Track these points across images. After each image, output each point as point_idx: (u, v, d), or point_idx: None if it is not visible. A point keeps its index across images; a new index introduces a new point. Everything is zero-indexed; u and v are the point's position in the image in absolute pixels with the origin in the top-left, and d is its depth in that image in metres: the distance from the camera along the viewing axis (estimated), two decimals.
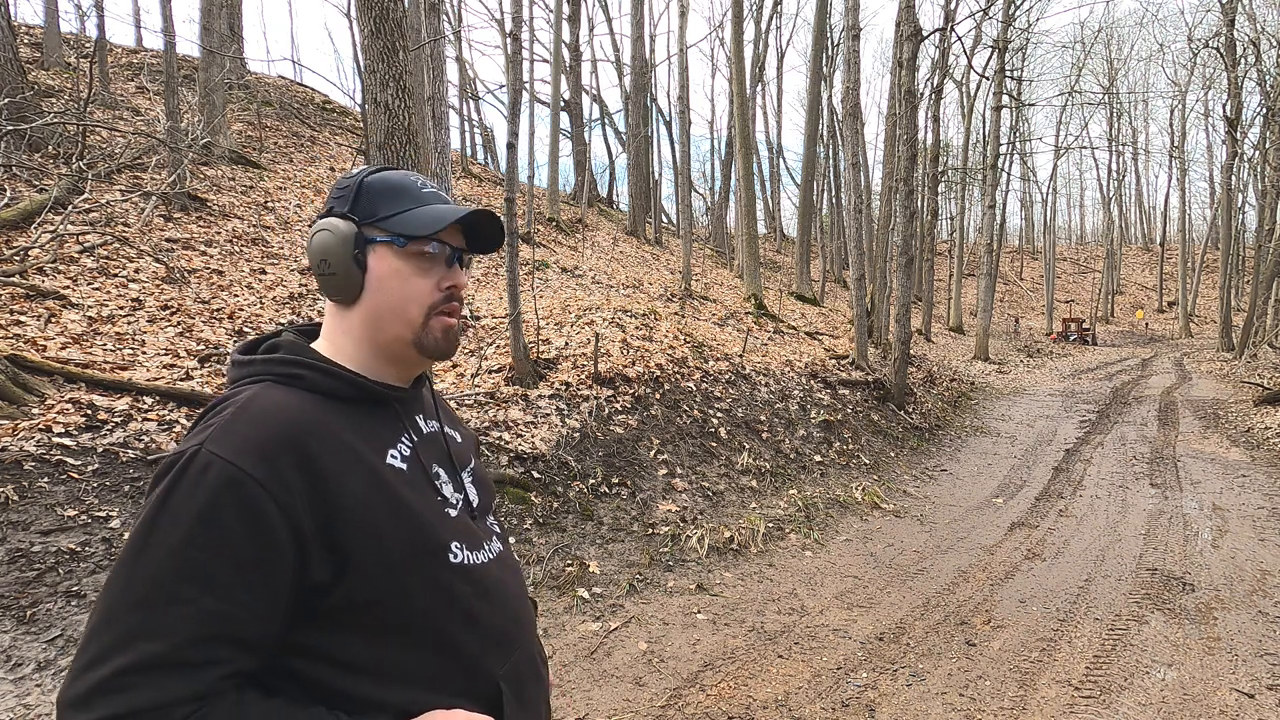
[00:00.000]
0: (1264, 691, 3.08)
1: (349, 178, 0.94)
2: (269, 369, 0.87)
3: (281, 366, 0.87)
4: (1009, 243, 44.99)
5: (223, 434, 0.77)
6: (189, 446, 0.76)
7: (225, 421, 0.78)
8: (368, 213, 0.91)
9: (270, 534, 0.74)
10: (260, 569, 0.74)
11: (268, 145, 12.36)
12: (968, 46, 23.73)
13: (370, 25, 3.58)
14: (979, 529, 5.40)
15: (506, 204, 6.08)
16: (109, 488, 3.36)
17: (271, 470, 0.75)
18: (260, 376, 0.86)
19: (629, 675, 3.13)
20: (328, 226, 0.90)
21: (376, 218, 0.90)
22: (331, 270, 0.89)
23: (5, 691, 2.46)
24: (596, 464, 5.08)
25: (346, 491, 0.79)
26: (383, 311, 0.90)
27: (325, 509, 0.77)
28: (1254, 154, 24.27)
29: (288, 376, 0.86)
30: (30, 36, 12.93)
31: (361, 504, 0.80)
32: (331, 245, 0.89)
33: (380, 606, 0.81)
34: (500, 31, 24.34)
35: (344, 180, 0.94)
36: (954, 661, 3.32)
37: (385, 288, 0.90)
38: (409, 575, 0.82)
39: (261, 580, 0.74)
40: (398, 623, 0.82)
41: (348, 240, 0.89)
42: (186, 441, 0.78)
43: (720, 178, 27.76)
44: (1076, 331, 26.98)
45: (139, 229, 7.11)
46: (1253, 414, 10.13)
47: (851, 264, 12.80)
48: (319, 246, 0.90)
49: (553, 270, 12.07)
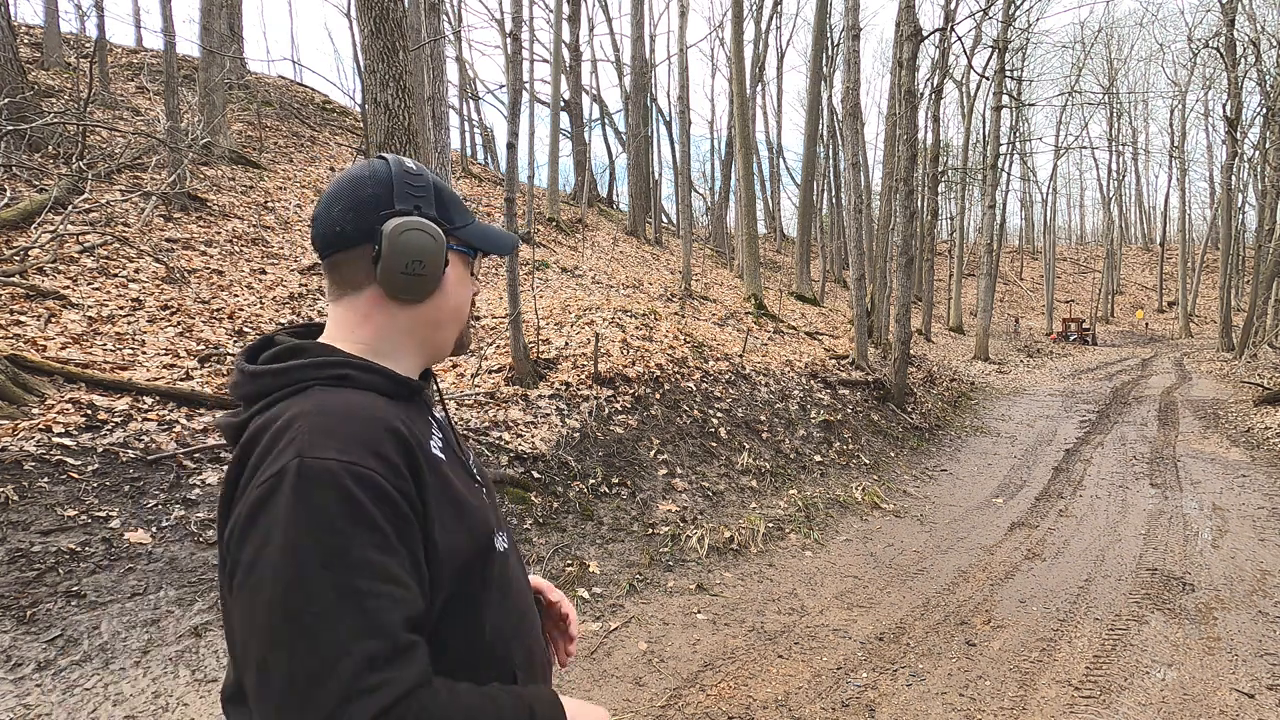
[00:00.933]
0: (1264, 691, 3.08)
1: (413, 173, 0.91)
2: (314, 374, 0.83)
3: (329, 369, 0.84)
4: (1009, 243, 45.00)
5: (321, 439, 0.74)
6: (285, 462, 0.72)
7: (312, 429, 0.75)
8: (447, 219, 0.93)
9: (407, 519, 0.77)
10: (411, 552, 0.77)
11: (268, 145, 12.36)
12: (968, 46, 23.76)
13: (370, 25, 3.58)
14: (979, 529, 5.40)
15: (506, 204, 6.08)
16: (109, 488, 3.36)
17: (383, 460, 0.77)
18: (305, 383, 0.82)
19: (629, 675, 3.13)
20: (424, 228, 0.88)
21: (454, 226, 0.94)
22: (422, 271, 0.88)
23: (5, 691, 2.46)
24: (596, 464, 5.08)
25: (425, 482, 0.82)
26: (448, 314, 0.95)
27: (422, 495, 0.81)
28: (1254, 154, 24.29)
29: (337, 379, 0.84)
30: (30, 36, 12.94)
31: (434, 492, 0.83)
32: (430, 248, 0.88)
33: (446, 603, 0.83)
34: (500, 31, 24.36)
35: (411, 177, 0.91)
36: (954, 661, 3.32)
37: (454, 293, 0.95)
38: (472, 569, 0.86)
39: (414, 563, 0.77)
40: (458, 618, 0.85)
41: (443, 246, 0.90)
42: (270, 463, 0.73)
43: (720, 178, 27.78)
44: (1076, 331, 26.98)
45: (139, 229, 7.11)
46: (1253, 414, 10.14)
47: (851, 264, 12.81)
48: (415, 246, 0.87)
49: (553, 270, 12.07)
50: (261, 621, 0.70)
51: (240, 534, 0.73)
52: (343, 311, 0.91)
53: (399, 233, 0.87)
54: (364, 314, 0.90)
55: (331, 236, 0.89)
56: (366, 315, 0.90)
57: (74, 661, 2.65)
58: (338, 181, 0.92)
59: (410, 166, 0.92)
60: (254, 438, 0.78)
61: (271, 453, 0.75)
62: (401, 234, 0.87)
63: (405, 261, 0.87)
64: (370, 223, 0.88)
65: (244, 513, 0.73)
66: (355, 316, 0.90)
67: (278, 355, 0.86)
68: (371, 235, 0.88)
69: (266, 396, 0.83)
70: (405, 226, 0.87)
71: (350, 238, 0.88)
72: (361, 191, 0.89)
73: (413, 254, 0.87)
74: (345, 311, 0.91)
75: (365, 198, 0.88)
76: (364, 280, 0.90)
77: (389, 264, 0.87)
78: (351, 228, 0.88)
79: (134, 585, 3.01)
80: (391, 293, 0.89)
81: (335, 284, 0.92)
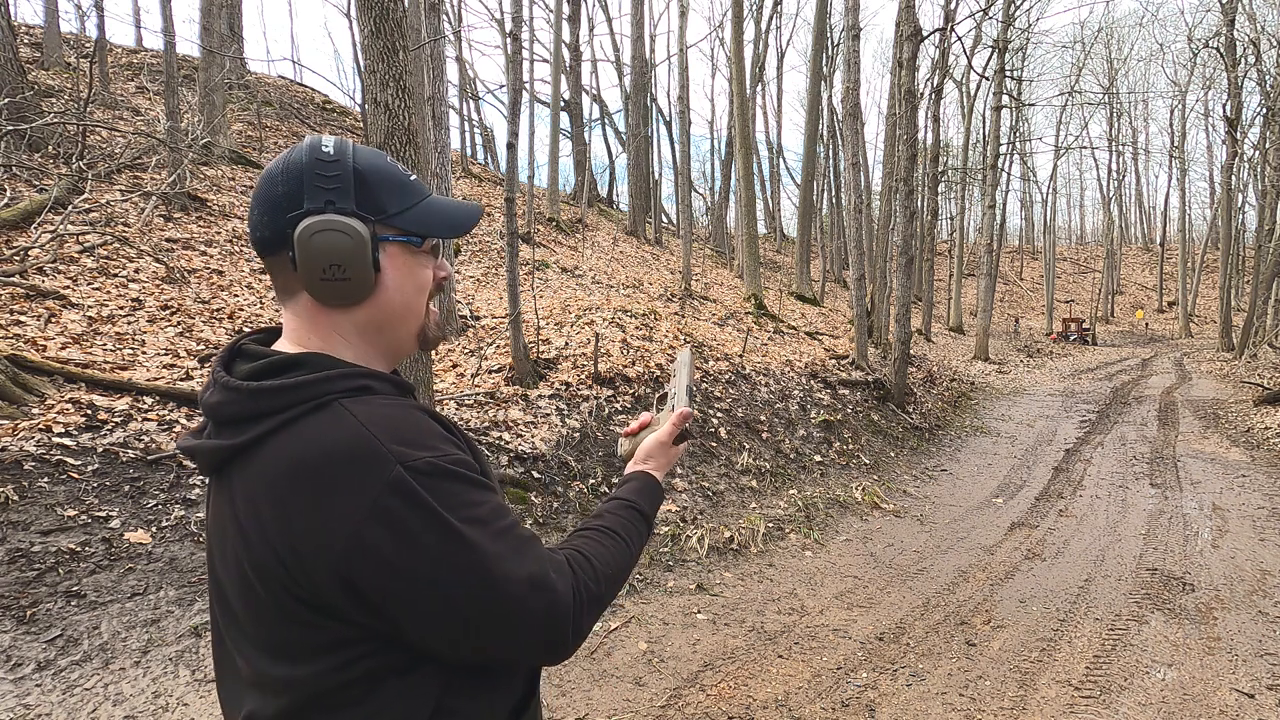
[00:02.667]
0: (1264, 691, 3.08)
1: (326, 161, 0.80)
2: (335, 386, 0.77)
3: (349, 380, 0.78)
4: (1009, 243, 45.00)
5: (402, 446, 0.73)
6: (387, 476, 0.71)
7: (389, 438, 0.73)
8: (375, 208, 0.81)
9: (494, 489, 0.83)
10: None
11: (268, 145, 12.36)
12: (968, 46, 23.77)
13: (370, 25, 3.58)
14: (979, 529, 5.40)
15: (506, 204, 6.08)
16: (109, 488, 3.36)
17: (461, 450, 0.80)
18: (324, 398, 0.76)
19: (629, 675, 3.13)
20: (339, 227, 0.77)
21: (387, 214, 0.82)
22: (345, 275, 0.78)
23: (5, 691, 2.46)
24: (596, 464, 5.08)
25: (486, 470, 0.87)
26: (395, 311, 0.85)
27: (485, 474, 0.86)
28: (1254, 154, 24.29)
29: (358, 389, 0.78)
30: (30, 36, 12.94)
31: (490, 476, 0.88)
32: (347, 250, 0.78)
33: None
34: (500, 31, 24.37)
35: (322, 166, 0.79)
36: (954, 661, 3.32)
37: (399, 287, 0.84)
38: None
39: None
40: None
41: (365, 243, 0.79)
42: (358, 490, 0.71)
43: (720, 178, 27.78)
44: (1076, 331, 26.97)
45: (139, 229, 7.11)
46: (1253, 414, 10.14)
47: (851, 264, 12.81)
48: (328, 249, 0.77)
49: (553, 270, 12.07)
50: (459, 596, 0.73)
51: (390, 562, 0.71)
52: (290, 316, 0.84)
53: (308, 236, 0.77)
54: (308, 320, 0.83)
55: (257, 242, 0.81)
56: (310, 321, 0.83)
57: (74, 661, 2.65)
58: (260, 176, 0.82)
59: (325, 152, 0.80)
60: (296, 469, 0.72)
61: (349, 481, 0.71)
62: (311, 237, 0.77)
63: (322, 267, 0.77)
64: (283, 226, 0.78)
65: (379, 544, 0.71)
66: (301, 322, 0.83)
67: (272, 368, 0.77)
68: (286, 240, 0.78)
69: (272, 415, 0.75)
70: (315, 228, 0.77)
71: (271, 243, 0.80)
72: (274, 190, 0.79)
73: (329, 258, 0.77)
74: (291, 318, 0.84)
75: (277, 197, 0.79)
76: (295, 286, 0.82)
77: (306, 271, 0.78)
78: (269, 232, 0.79)
79: (134, 585, 3.01)
80: (319, 301, 0.81)
81: (275, 289, 0.84)
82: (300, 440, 0.73)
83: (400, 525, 0.71)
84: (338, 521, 0.70)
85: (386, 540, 0.70)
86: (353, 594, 0.72)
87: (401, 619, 0.73)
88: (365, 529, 0.70)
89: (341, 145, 0.82)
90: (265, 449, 0.74)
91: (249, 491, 0.74)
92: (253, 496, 0.73)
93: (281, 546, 0.71)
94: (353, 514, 0.70)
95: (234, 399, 0.76)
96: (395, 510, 0.71)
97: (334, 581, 0.71)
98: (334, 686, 0.75)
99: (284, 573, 0.72)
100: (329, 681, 0.74)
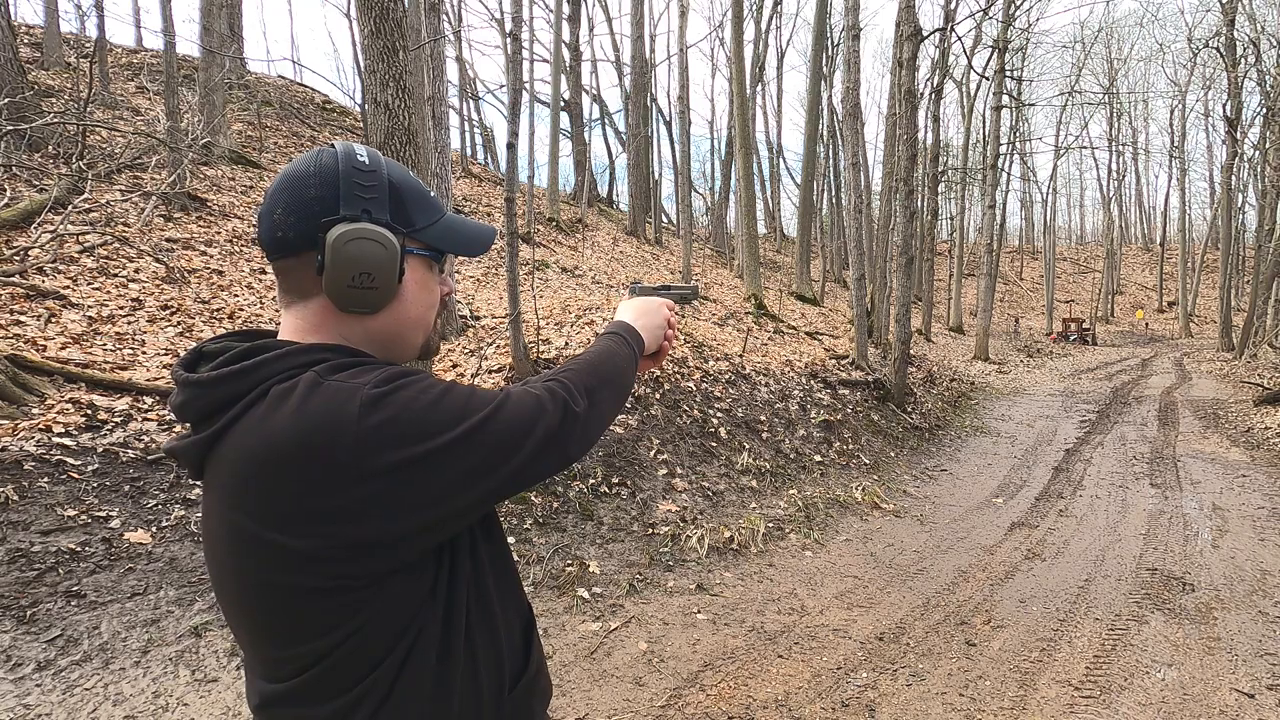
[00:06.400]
0: (1264, 691, 3.08)
1: (364, 170, 0.81)
2: (306, 359, 0.76)
3: (306, 356, 0.77)
4: (1009, 243, 45.01)
5: (352, 379, 0.74)
6: (355, 404, 0.71)
7: (341, 390, 0.72)
8: (405, 221, 0.84)
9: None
10: None
11: (268, 145, 12.36)
12: (968, 46, 23.75)
13: (370, 25, 3.58)
14: (979, 529, 5.40)
15: (506, 204, 6.08)
16: (109, 488, 3.37)
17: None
18: (291, 370, 0.75)
19: (629, 675, 3.13)
20: (375, 237, 0.79)
21: (415, 228, 0.85)
22: (372, 284, 0.80)
23: (5, 691, 2.46)
24: (596, 464, 5.08)
25: None
26: (409, 321, 0.87)
27: None
28: (1254, 154, 24.29)
29: (317, 363, 0.77)
30: (30, 36, 12.94)
31: None
32: (380, 258, 0.79)
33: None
34: (500, 31, 24.37)
35: (360, 175, 0.81)
36: (954, 661, 3.32)
37: (415, 299, 0.87)
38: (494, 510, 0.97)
39: None
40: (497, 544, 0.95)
41: (396, 255, 0.81)
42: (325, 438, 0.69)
43: (720, 178, 27.76)
44: (1076, 331, 26.98)
45: (139, 229, 7.11)
46: (1253, 414, 10.14)
47: (851, 264, 12.80)
48: (362, 258, 0.78)
49: (553, 270, 12.07)
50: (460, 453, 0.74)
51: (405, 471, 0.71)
52: (293, 319, 0.83)
53: (344, 243, 0.78)
54: (316, 322, 0.82)
55: (274, 241, 0.80)
56: (318, 325, 0.82)
57: (74, 661, 2.65)
58: (282, 176, 0.81)
59: (361, 161, 0.81)
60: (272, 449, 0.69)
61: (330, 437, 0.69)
62: (346, 244, 0.78)
63: (352, 274, 0.78)
64: (313, 230, 0.78)
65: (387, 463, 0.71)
66: (307, 324, 0.82)
67: (232, 358, 0.77)
68: (315, 243, 0.79)
69: (236, 402, 0.73)
70: (351, 235, 0.78)
71: (293, 244, 0.80)
72: (304, 193, 0.79)
73: (360, 266, 0.78)
74: (296, 319, 0.83)
75: (308, 200, 0.79)
76: (311, 289, 0.82)
77: (333, 276, 0.78)
78: (294, 234, 0.79)
79: (134, 585, 3.01)
80: (340, 306, 0.81)
81: (284, 289, 0.83)
82: (268, 423, 0.71)
83: (392, 432, 0.71)
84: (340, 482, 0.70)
85: (392, 451, 0.70)
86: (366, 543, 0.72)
87: (443, 508, 0.75)
88: (366, 459, 0.70)
89: (375, 156, 0.84)
90: (234, 434, 0.73)
91: (236, 472, 0.72)
92: (240, 478, 0.72)
93: (270, 528, 0.70)
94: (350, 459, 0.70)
95: (198, 394, 0.76)
96: (383, 425, 0.71)
97: (345, 544, 0.71)
98: (344, 656, 0.74)
99: (273, 551, 0.71)
100: (340, 653, 0.74)
